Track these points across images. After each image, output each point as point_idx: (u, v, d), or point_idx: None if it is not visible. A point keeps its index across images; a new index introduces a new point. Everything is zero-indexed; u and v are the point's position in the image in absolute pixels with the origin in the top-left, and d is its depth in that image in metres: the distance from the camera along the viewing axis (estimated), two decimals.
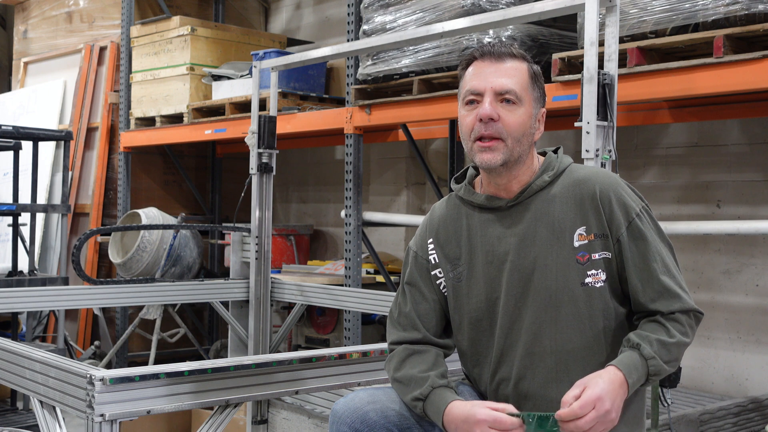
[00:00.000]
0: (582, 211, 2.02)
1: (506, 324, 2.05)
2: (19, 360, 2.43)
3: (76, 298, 4.54)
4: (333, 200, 6.63)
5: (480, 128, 2.02)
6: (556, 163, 2.10)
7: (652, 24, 3.36)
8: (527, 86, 2.06)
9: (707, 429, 3.40)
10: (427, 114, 4.30)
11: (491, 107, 2.02)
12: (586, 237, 2.01)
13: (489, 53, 2.07)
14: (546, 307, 2.01)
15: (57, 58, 7.38)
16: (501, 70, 2.05)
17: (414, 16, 4.23)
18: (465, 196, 2.15)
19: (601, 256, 2.00)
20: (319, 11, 6.85)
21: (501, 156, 2.01)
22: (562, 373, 2.00)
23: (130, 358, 6.25)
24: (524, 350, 2.03)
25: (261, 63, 4.55)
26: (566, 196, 2.05)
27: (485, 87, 2.03)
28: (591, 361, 1.99)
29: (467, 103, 2.07)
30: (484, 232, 2.09)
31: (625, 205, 2.02)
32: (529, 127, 2.05)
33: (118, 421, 2.12)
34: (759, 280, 4.25)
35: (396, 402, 2.05)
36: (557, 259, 2.00)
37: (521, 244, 2.04)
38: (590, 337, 2.00)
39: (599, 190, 2.03)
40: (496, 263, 2.06)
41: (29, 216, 5.37)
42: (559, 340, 2.00)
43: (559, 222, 2.03)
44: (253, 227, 4.50)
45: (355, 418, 2.00)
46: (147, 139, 6.32)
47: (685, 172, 4.53)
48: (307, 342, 5.62)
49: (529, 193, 2.07)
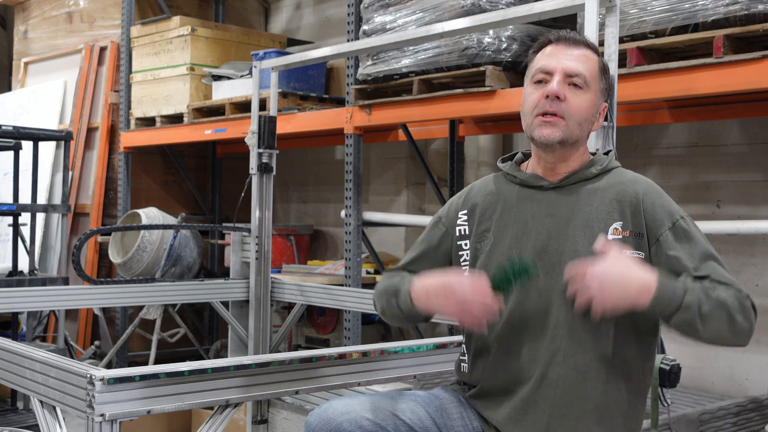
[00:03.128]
0: (621, 207, 2.04)
1: (519, 301, 2.04)
2: (20, 360, 2.43)
3: (76, 298, 4.54)
4: (333, 200, 6.63)
5: (545, 104, 2.05)
6: (605, 161, 2.13)
7: (652, 24, 3.37)
8: (596, 75, 2.10)
9: (707, 429, 3.40)
10: (427, 114, 4.31)
11: (559, 86, 2.05)
12: (621, 233, 2.01)
13: (564, 38, 2.11)
14: (565, 293, 1.98)
15: (57, 58, 7.38)
16: (573, 55, 2.08)
17: (414, 16, 4.23)
18: (510, 171, 2.18)
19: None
20: (319, 11, 6.86)
21: (560, 133, 2.04)
22: (568, 357, 1.98)
23: (130, 358, 6.25)
24: (534, 331, 2.02)
25: (261, 63, 4.55)
26: (608, 191, 2.07)
27: (556, 67, 2.07)
28: (594, 351, 1.98)
29: (536, 81, 2.10)
30: (520, 208, 2.11)
31: (668, 209, 2.03)
32: (591, 115, 2.09)
33: (118, 421, 2.12)
34: (759, 280, 4.25)
35: (370, 411, 2.03)
36: (588, 248, 1.99)
37: (554, 227, 2.05)
38: (602, 329, 1.98)
39: (643, 192, 2.05)
40: (524, 240, 2.07)
41: (29, 216, 5.37)
42: (571, 326, 1.99)
43: (596, 213, 2.04)
44: (253, 227, 4.50)
45: (329, 429, 1.99)
46: (147, 139, 6.32)
47: (685, 172, 4.54)
48: (307, 342, 5.62)
49: (574, 180, 2.09)
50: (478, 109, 4.04)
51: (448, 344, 2.68)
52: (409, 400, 2.11)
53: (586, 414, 1.98)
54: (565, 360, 1.98)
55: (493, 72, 3.92)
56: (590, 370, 1.98)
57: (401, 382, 2.81)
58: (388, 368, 2.60)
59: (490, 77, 3.92)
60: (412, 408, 2.09)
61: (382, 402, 2.07)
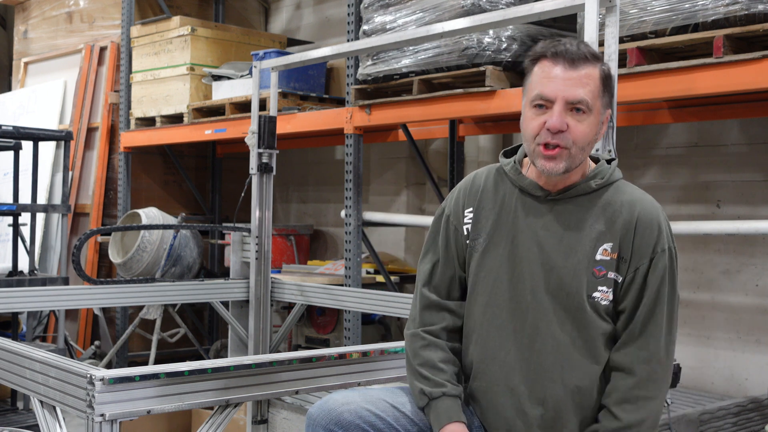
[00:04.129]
0: (614, 229, 2.03)
1: (506, 308, 2.06)
2: (20, 360, 2.42)
3: (76, 298, 4.53)
4: (333, 200, 6.63)
5: (546, 136, 1.99)
6: (607, 173, 2.09)
7: (652, 24, 3.36)
8: (598, 94, 2.02)
9: (707, 429, 3.41)
10: (427, 114, 4.30)
11: (560, 119, 1.97)
12: (610, 254, 2.02)
13: (563, 55, 1.99)
14: (552, 305, 2.02)
15: (57, 58, 7.38)
16: (574, 78, 1.98)
17: (414, 16, 4.23)
18: (511, 173, 2.14)
19: (613, 276, 2.01)
20: (319, 11, 6.86)
21: (563, 164, 2.00)
22: (555, 369, 2.01)
23: (130, 358, 6.25)
24: (518, 340, 2.04)
25: (261, 63, 4.55)
26: (605, 210, 2.04)
27: (556, 95, 1.98)
28: (580, 364, 2.01)
29: (535, 106, 2.01)
30: (516, 214, 2.10)
31: (657, 237, 2.03)
32: (595, 134, 2.04)
33: (118, 421, 2.12)
34: (759, 280, 4.25)
35: (371, 403, 2.04)
36: (577, 265, 2.01)
37: (547, 241, 2.04)
38: (587, 342, 2.01)
39: (638, 215, 2.03)
40: (518, 249, 2.07)
41: (29, 216, 5.37)
42: (555, 338, 2.01)
43: (589, 231, 2.03)
44: (253, 227, 4.50)
45: (330, 419, 2.01)
46: (147, 139, 6.32)
47: (685, 172, 4.53)
48: (307, 342, 5.62)
49: (572, 193, 2.07)
50: (478, 109, 4.04)
51: None
52: (409, 393, 2.13)
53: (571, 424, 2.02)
54: (553, 375, 2.01)
55: (493, 72, 3.92)
56: (573, 383, 2.01)
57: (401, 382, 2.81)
58: (388, 368, 2.60)
59: (490, 77, 3.92)
60: (412, 401, 2.10)
61: (383, 395, 2.09)
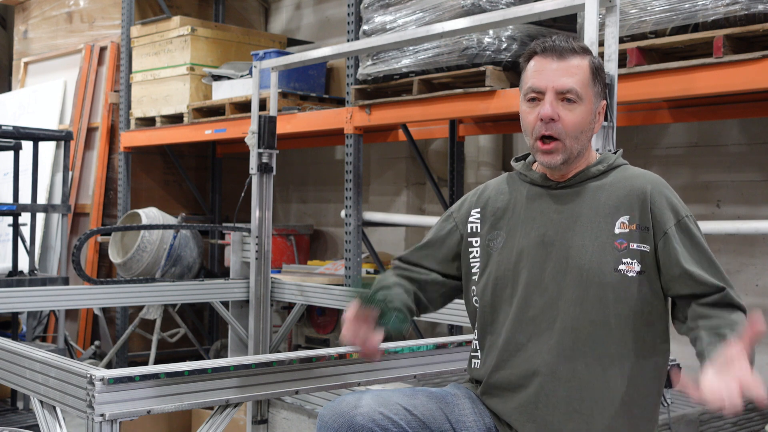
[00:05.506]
0: (628, 202, 2.07)
1: (528, 294, 2.07)
2: (20, 360, 2.43)
3: (76, 298, 4.54)
4: (333, 200, 6.63)
5: (541, 128, 2.08)
6: (611, 158, 2.17)
7: (651, 24, 3.36)
8: (588, 83, 2.10)
9: (707, 429, 3.40)
10: (427, 114, 4.31)
11: (551, 108, 2.06)
12: (628, 226, 2.05)
13: (551, 49, 2.09)
14: (574, 286, 2.03)
15: (57, 58, 7.38)
16: (563, 69, 2.07)
17: (414, 16, 4.23)
18: (522, 170, 2.23)
19: (639, 247, 2.03)
20: (319, 11, 6.86)
21: (560, 157, 2.08)
22: (578, 351, 2.00)
23: (130, 358, 6.25)
24: (542, 324, 2.04)
25: (261, 63, 4.55)
26: (616, 187, 2.10)
27: (546, 86, 2.07)
28: (606, 344, 2.00)
29: (529, 100, 2.11)
30: (530, 205, 2.16)
31: (674, 206, 2.07)
32: (588, 123, 2.11)
33: (118, 421, 2.12)
34: (759, 280, 4.25)
35: (383, 405, 2.03)
36: (595, 242, 2.04)
37: (562, 222, 2.09)
38: (611, 322, 2.01)
39: (650, 188, 2.08)
40: (533, 235, 2.11)
41: (29, 216, 5.37)
42: (580, 319, 2.01)
43: (603, 207, 2.08)
44: (253, 227, 4.50)
45: (342, 423, 1.99)
46: (147, 139, 6.32)
47: (685, 172, 4.54)
48: (307, 342, 5.62)
49: (581, 178, 2.13)
50: (478, 109, 4.04)
51: (448, 344, 2.69)
52: (422, 395, 2.12)
53: (599, 408, 2.00)
54: (574, 355, 2.01)
55: (493, 72, 3.93)
56: (599, 365, 2.00)
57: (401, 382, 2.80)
58: (388, 368, 2.60)
59: (490, 77, 3.92)
60: (425, 403, 2.09)
61: (395, 397, 2.08)
